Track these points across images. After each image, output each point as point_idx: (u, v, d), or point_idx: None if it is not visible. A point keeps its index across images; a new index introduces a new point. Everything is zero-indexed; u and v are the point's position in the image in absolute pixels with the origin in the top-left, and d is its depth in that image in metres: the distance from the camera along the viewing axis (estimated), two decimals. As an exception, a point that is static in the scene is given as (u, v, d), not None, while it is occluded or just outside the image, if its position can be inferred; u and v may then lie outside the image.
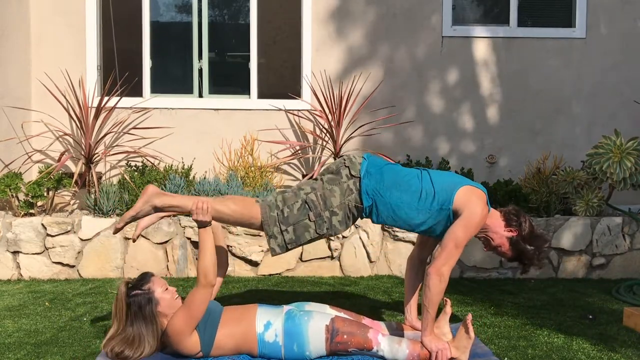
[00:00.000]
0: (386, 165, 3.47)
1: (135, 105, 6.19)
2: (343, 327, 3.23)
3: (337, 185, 3.39)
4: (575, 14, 6.46)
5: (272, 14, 8.35)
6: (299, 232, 3.36)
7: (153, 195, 3.33)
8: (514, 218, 3.48)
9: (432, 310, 3.30)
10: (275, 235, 3.35)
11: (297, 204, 3.35)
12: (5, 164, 5.67)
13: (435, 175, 3.45)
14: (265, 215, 3.34)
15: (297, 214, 3.35)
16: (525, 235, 3.46)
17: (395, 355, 3.24)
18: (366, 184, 3.38)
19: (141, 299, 3.16)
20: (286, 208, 3.35)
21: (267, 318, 3.26)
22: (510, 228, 3.47)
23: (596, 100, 6.49)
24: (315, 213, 3.35)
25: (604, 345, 3.72)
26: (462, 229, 3.30)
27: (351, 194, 3.38)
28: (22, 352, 3.53)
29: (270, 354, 3.23)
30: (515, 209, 3.54)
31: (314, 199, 3.36)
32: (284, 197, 3.40)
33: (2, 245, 5.17)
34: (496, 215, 3.50)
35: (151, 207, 3.33)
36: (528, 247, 3.46)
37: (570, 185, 5.68)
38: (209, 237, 3.22)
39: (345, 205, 3.38)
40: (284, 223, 3.34)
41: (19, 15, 6.01)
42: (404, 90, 6.42)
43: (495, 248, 3.52)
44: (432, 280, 3.28)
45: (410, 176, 3.43)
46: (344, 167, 3.43)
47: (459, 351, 3.30)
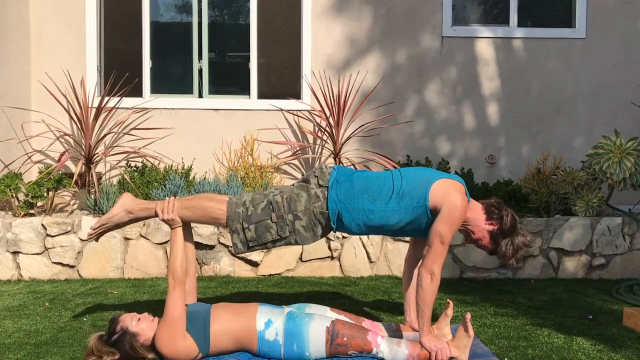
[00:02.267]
0: (355, 173, 3.48)
1: (135, 105, 6.19)
2: (343, 329, 3.24)
3: (305, 191, 3.42)
4: (575, 14, 6.47)
5: (272, 14, 8.34)
6: (260, 231, 3.41)
7: (127, 201, 3.55)
8: (495, 211, 3.43)
9: (428, 310, 3.30)
10: (238, 231, 3.42)
11: (262, 204, 3.42)
12: (5, 164, 5.67)
13: (408, 173, 3.43)
14: (231, 210, 3.42)
15: (260, 213, 3.40)
16: (507, 229, 3.41)
17: (395, 357, 3.24)
18: (334, 192, 3.39)
19: (124, 340, 3.14)
20: (251, 207, 3.42)
21: (268, 316, 3.26)
22: (492, 221, 3.42)
23: (596, 100, 6.49)
24: (278, 215, 3.39)
25: (604, 345, 3.72)
26: (445, 224, 3.28)
27: (317, 201, 3.40)
28: (22, 352, 3.53)
29: (269, 353, 3.23)
30: (497, 202, 3.49)
31: (279, 200, 3.41)
32: (253, 197, 3.47)
33: (2, 246, 5.17)
34: (477, 208, 3.46)
35: (125, 211, 3.53)
36: (509, 240, 3.41)
37: (570, 185, 5.68)
38: (179, 237, 3.37)
39: (310, 211, 3.40)
40: (247, 221, 3.40)
41: (19, 15, 6.01)
42: (403, 91, 6.42)
43: (475, 241, 3.50)
44: (424, 280, 3.29)
45: (381, 179, 3.42)
46: (314, 176, 3.48)
47: (459, 350, 3.30)
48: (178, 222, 3.40)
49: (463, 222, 3.43)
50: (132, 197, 3.58)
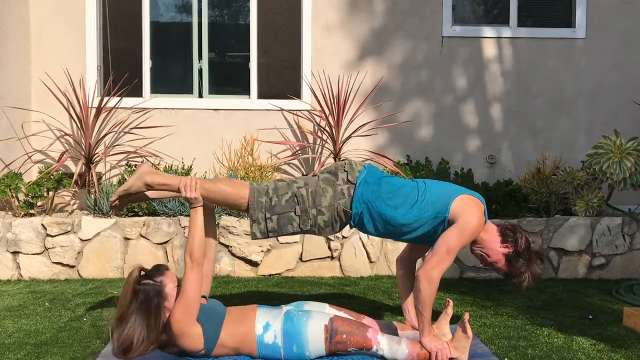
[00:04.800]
0: (384, 177, 3.48)
1: (135, 105, 6.19)
2: (342, 326, 3.22)
3: (331, 187, 3.39)
4: (575, 14, 6.46)
5: (272, 14, 8.35)
6: (282, 223, 3.37)
7: (145, 173, 3.41)
8: (510, 234, 3.49)
9: (426, 312, 3.31)
10: (259, 221, 3.37)
11: (287, 196, 3.37)
12: (5, 164, 5.67)
13: (433, 185, 3.45)
14: (253, 199, 3.37)
15: (284, 205, 3.36)
16: (521, 251, 3.47)
17: (395, 355, 3.24)
18: (360, 192, 3.38)
19: (150, 289, 3.16)
20: (275, 197, 3.37)
21: (266, 319, 3.25)
22: (507, 244, 3.48)
23: (596, 100, 6.49)
24: (302, 208, 3.36)
25: (604, 345, 3.72)
26: (456, 235, 3.31)
27: (342, 198, 3.38)
28: (22, 352, 3.53)
29: (269, 356, 3.22)
30: (511, 225, 3.55)
31: (304, 194, 3.37)
32: (276, 185, 3.42)
33: (2, 246, 5.17)
34: (493, 231, 3.51)
35: (142, 183, 3.41)
36: (523, 263, 3.47)
37: (570, 185, 5.68)
38: (199, 217, 3.27)
39: (334, 207, 3.38)
40: (270, 211, 3.36)
41: (19, 15, 6.01)
42: (403, 91, 6.42)
43: (491, 264, 3.54)
44: (422, 285, 3.29)
45: (407, 188, 3.43)
46: (343, 171, 3.44)
47: (458, 351, 3.30)
48: (200, 201, 3.29)
49: (479, 245, 3.49)
50: (150, 168, 3.46)
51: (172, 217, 5.31)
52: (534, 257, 3.50)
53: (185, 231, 5.26)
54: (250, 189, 3.39)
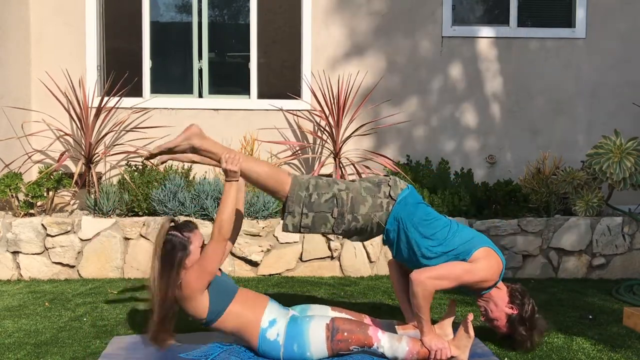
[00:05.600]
0: (422, 204, 3.48)
1: (135, 105, 6.19)
2: (343, 325, 3.24)
3: (372, 197, 3.39)
4: (575, 14, 6.47)
5: (272, 14, 8.35)
6: (316, 221, 3.36)
7: (194, 135, 3.38)
8: (519, 296, 3.50)
9: (424, 314, 3.32)
10: (295, 215, 3.35)
11: (327, 195, 3.35)
12: (5, 163, 5.67)
13: (464, 230, 3.46)
14: (293, 191, 3.34)
15: (323, 204, 3.34)
16: (525, 317, 3.47)
17: (395, 352, 3.25)
18: (398, 210, 3.38)
19: (177, 241, 3.18)
20: (315, 194, 3.35)
21: (274, 316, 3.27)
22: (512, 305, 3.49)
23: (596, 100, 6.49)
24: (340, 211, 3.35)
25: (604, 345, 3.72)
26: (463, 270, 3.33)
27: (380, 211, 3.38)
28: (22, 352, 3.53)
29: (268, 352, 3.23)
30: (522, 289, 3.55)
31: (344, 197, 3.36)
32: (317, 182, 3.39)
33: (2, 246, 5.17)
34: (503, 289, 3.52)
35: (189, 145, 3.37)
36: (524, 329, 3.47)
37: (570, 185, 5.68)
38: (233, 192, 3.23)
39: (370, 217, 3.38)
40: (307, 207, 3.34)
41: (19, 15, 6.01)
42: (403, 91, 6.42)
43: (492, 320, 3.55)
44: (415, 288, 3.30)
45: (440, 221, 3.44)
46: (387, 185, 3.44)
47: (459, 350, 3.31)
48: (237, 177, 3.26)
49: (486, 297, 3.49)
50: (200, 130, 3.41)
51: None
52: (535, 327, 3.51)
53: (185, 231, 5.25)
54: (292, 180, 3.37)
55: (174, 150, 3.40)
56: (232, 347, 3.36)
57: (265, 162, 3.43)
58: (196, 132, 3.39)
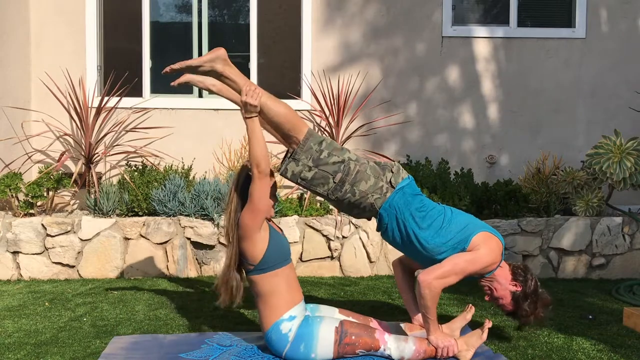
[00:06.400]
0: (420, 195, 3.48)
1: (135, 105, 6.19)
2: (351, 328, 3.27)
3: (375, 178, 3.39)
4: (575, 14, 6.47)
5: (272, 14, 8.35)
6: (316, 179, 3.35)
7: (219, 58, 3.35)
8: (521, 273, 3.51)
9: (431, 314, 3.33)
10: (299, 164, 3.34)
11: (337, 158, 3.34)
12: (5, 163, 5.67)
13: (458, 216, 3.47)
14: (307, 140, 3.33)
15: (330, 165, 3.33)
16: (529, 293, 3.49)
17: (402, 353, 3.28)
18: (395, 198, 3.39)
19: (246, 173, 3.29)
20: (326, 152, 3.34)
21: (296, 313, 3.28)
22: (516, 282, 3.50)
23: (596, 100, 6.49)
24: (342, 178, 3.34)
25: (604, 345, 3.72)
26: (467, 261, 3.34)
27: (378, 193, 3.39)
28: (22, 352, 3.53)
29: (273, 342, 3.25)
30: (524, 266, 3.57)
31: (352, 167, 3.35)
32: (332, 142, 3.39)
33: (2, 246, 5.17)
34: (505, 267, 3.52)
35: (212, 67, 3.35)
36: (529, 305, 3.48)
37: (570, 185, 5.68)
38: (257, 126, 3.20)
39: (366, 197, 3.38)
40: (314, 161, 3.33)
41: (19, 15, 6.01)
42: (403, 90, 6.42)
43: (496, 299, 3.56)
44: (423, 290, 3.30)
45: (435, 211, 3.44)
46: (389, 171, 3.44)
47: (467, 345, 3.35)
48: (256, 111, 3.21)
49: (489, 277, 3.49)
50: (225, 56, 3.36)
51: (172, 217, 5.31)
52: (540, 302, 3.52)
53: (185, 231, 5.25)
54: (308, 129, 3.36)
55: (197, 70, 3.37)
56: (232, 348, 3.36)
57: (286, 104, 3.37)
58: (221, 55, 3.34)
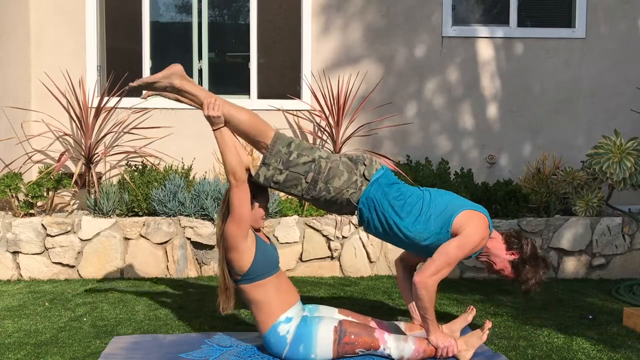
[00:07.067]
0: (395, 184, 3.47)
1: (135, 105, 6.19)
2: (350, 328, 3.27)
3: (348, 173, 3.38)
4: (575, 14, 6.46)
5: (272, 14, 8.35)
6: (288, 181, 3.35)
7: (175, 74, 3.36)
8: (515, 241, 3.50)
9: (430, 314, 3.33)
10: (269, 168, 3.34)
11: (306, 158, 3.34)
12: (5, 163, 5.67)
13: (437, 198, 3.45)
14: (274, 144, 3.33)
15: (300, 166, 3.33)
16: (527, 257, 3.48)
17: (402, 352, 3.28)
18: (371, 190, 3.38)
19: None
20: (295, 154, 3.34)
21: (292, 314, 3.29)
22: (512, 251, 3.49)
23: (596, 100, 6.49)
24: (314, 177, 3.34)
25: (604, 345, 3.72)
26: (457, 247, 3.32)
27: (353, 189, 3.38)
28: (22, 352, 3.53)
29: (272, 344, 3.24)
30: (516, 232, 3.56)
31: (323, 166, 3.34)
32: (300, 142, 3.40)
33: (2, 246, 5.17)
34: (498, 238, 3.52)
35: (169, 83, 3.36)
36: (529, 269, 3.48)
37: (570, 185, 5.68)
38: (226, 135, 3.23)
39: (341, 192, 3.37)
40: (284, 164, 3.33)
41: (19, 15, 6.01)
42: (403, 90, 6.42)
43: (498, 272, 3.55)
44: (419, 292, 3.30)
45: (414, 197, 3.43)
46: (362, 164, 3.44)
47: (466, 346, 3.35)
48: (221, 122, 3.23)
49: (484, 253, 3.49)
50: (182, 71, 3.38)
51: (172, 217, 5.31)
52: (539, 264, 3.51)
53: (185, 231, 5.25)
54: (275, 133, 3.36)
55: (154, 86, 3.38)
56: (232, 349, 3.36)
57: (249, 110, 3.39)
58: (178, 71, 3.36)
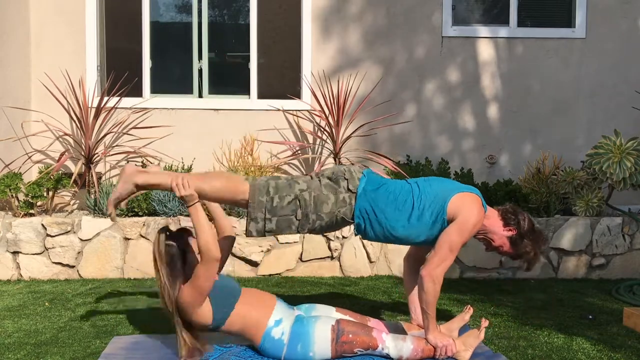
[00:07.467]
0: (383, 185, 3.45)
1: (135, 105, 6.19)
2: (348, 327, 3.26)
3: (333, 194, 3.36)
4: (575, 14, 6.46)
5: (272, 14, 8.34)
6: (281, 225, 3.33)
7: (132, 175, 3.33)
8: (512, 217, 3.47)
9: (431, 311, 3.33)
10: (258, 220, 3.31)
11: (289, 198, 3.31)
12: (5, 163, 5.67)
13: (426, 188, 3.43)
14: (254, 198, 3.30)
15: (286, 207, 3.31)
16: (525, 232, 3.46)
17: (400, 352, 3.27)
18: (361, 202, 3.36)
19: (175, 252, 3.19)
20: (277, 198, 3.31)
21: (280, 315, 3.27)
22: (509, 227, 3.46)
23: (596, 100, 6.49)
24: (304, 212, 3.32)
25: (604, 345, 3.72)
26: (457, 233, 3.31)
27: (344, 206, 3.36)
28: (22, 352, 3.53)
29: (270, 350, 3.23)
30: (512, 207, 3.53)
31: (307, 198, 3.32)
32: (277, 184, 3.34)
33: (2, 246, 5.17)
34: (494, 215, 3.49)
35: (133, 185, 3.33)
36: (528, 243, 3.46)
37: (570, 185, 5.68)
38: (200, 213, 3.15)
39: (334, 214, 3.36)
40: (270, 212, 3.30)
41: (19, 15, 6.01)
42: (403, 90, 6.42)
43: (496, 248, 3.53)
44: (426, 284, 3.30)
45: (403, 194, 3.41)
46: (344, 179, 3.40)
47: (464, 346, 3.34)
48: (195, 197, 3.17)
49: (482, 231, 3.47)
50: (135, 168, 3.36)
51: (172, 217, 5.31)
52: (538, 236, 3.50)
53: (185, 231, 5.25)
54: (251, 186, 3.32)
55: (122, 197, 3.36)
56: (232, 349, 3.36)
57: (217, 174, 3.35)
58: (131, 171, 3.33)
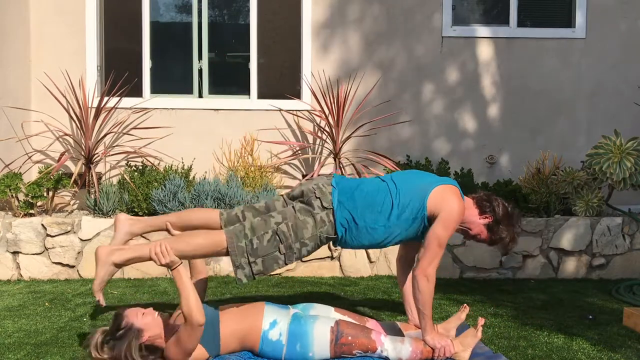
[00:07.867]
0: (356, 190, 3.41)
1: (135, 105, 6.19)
2: (347, 329, 3.26)
3: (310, 217, 3.33)
4: (575, 14, 6.47)
5: (272, 14, 8.33)
6: (267, 264, 3.30)
7: (108, 256, 3.31)
8: (487, 204, 3.49)
9: (427, 310, 3.33)
10: (243, 266, 3.27)
11: (267, 235, 3.28)
12: (5, 164, 5.67)
13: (402, 185, 3.42)
14: (232, 245, 3.26)
15: (267, 245, 3.27)
16: (500, 218, 3.47)
17: (399, 354, 3.27)
18: (340, 215, 3.34)
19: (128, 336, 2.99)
20: (255, 239, 3.27)
21: (274, 317, 3.27)
22: (485, 215, 3.48)
23: (596, 100, 6.49)
24: (286, 245, 3.29)
25: (604, 345, 3.72)
26: (443, 228, 3.32)
27: (324, 226, 3.35)
28: (22, 353, 3.53)
29: (270, 353, 3.23)
30: (486, 195, 3.55)
31: (285, 230, 3.29)
32: (252, 225, 3.30)
33: (2, 246, 5.17)
34: (470, 204, 3.50)
35: (112, 265, 3.31)
36: (504, 228, 3.47)
37: (570, 185, 5.68)
38: (184, 277, 3.07)
39: (317, 236, 3.35)
40: (253, 255, 3.26)
41: (19, 15, 6.01)
42: (403, 90, 6.42)
43: (474, 237, 3.55)
44: (420, 283, 3.30)
45: (380, 194, 3.39)
46: (315, 198, 3.36)
47: (463, 346, 3.34)
48: (177, 261, 3.12)
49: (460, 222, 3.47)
50: (109, 248, 3.34)
51: None
52: (513, 219, 3.50)
53: (185, 231, 5.25)
54: (227, 235, 3.27)
55: (105, 279, 3.34)
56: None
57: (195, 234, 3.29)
58: (105, 253, 3.31)
